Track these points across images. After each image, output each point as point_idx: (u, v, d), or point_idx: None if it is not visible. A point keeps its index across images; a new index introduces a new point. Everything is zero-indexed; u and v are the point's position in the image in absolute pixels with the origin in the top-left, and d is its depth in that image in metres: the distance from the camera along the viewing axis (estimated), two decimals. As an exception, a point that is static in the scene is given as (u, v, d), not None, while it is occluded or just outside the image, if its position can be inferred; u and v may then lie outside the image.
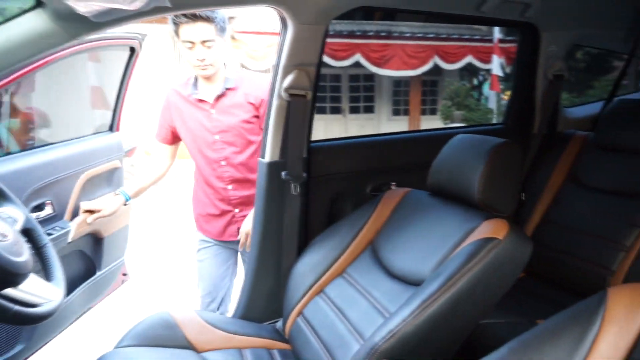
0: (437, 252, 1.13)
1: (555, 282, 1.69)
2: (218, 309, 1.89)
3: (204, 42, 1.54)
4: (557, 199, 1.80)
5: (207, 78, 1.66)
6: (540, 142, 2.00)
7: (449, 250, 1.11)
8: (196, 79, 1.71)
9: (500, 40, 8.35)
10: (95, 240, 2.00)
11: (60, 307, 0.99)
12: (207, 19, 1.51)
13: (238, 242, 1.74)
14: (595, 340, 0.69)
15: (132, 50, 2.04)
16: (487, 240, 1.03)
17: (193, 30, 1.52)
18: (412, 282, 1.15)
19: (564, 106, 2.23)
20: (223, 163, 1.71)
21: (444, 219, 1.21)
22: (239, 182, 1.73)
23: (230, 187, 1.73)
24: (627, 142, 1.65)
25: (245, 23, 7.62)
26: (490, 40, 8.57)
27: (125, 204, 1.76)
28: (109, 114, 2.17)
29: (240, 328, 1.44)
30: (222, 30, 1.59)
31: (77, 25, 0.94)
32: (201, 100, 1.69)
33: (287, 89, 1.40)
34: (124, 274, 2.32)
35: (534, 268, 1.74)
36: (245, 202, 1.75)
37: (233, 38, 7.62)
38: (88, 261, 2.00)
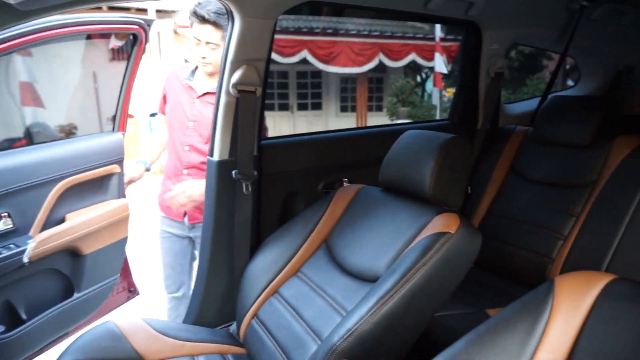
0: (392, 248, 1.14)
1: (501, 272, 1.77)
2: (178, 290, 1.95)
3: (208, 43, 1.65)
4: (500, 192, 1.88)
5: (210, 74, 1.77)
6: (483, 137, 2.08)
7: (403, 246, 1.12)
8: (196, 68, 1.81)
9: (442, 39, 8.65)
10: (74, 257, 1.77)
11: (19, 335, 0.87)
12: (215, 24, 1.61)
13: (192, 229, 1.84)
14: (545, 328, 0.72)
15: (135, 38, 1.85)
16: (440, 235, 1.05)
17: (202, 30, 1.63)
18: (368, 279, 1.15)
19: (504, 102, 2.34)
20: (187, 148, 1.78)
21: (397, 215, 1.22)
22: (194, 168, 1.79)
23: (185, 171, 1.80)
24: (561, 137, 1.75)
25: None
26: (433, 39, 8.86)
27: (147, 170, 1.98)
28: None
29: (192, 334, 1.38)
30: (224, 38, 1.62)
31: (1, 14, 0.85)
32: (191, 88, 1.79)
33: (235, 85, 1.36)
34: (131, 290, 2.14)
35: (481, 259, 1.81)
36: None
37: (176, 33, 7.33)
38: (64, 281, 1.77)
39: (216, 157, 1.44)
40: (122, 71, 1.89)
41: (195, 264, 1.85)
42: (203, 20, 1.60)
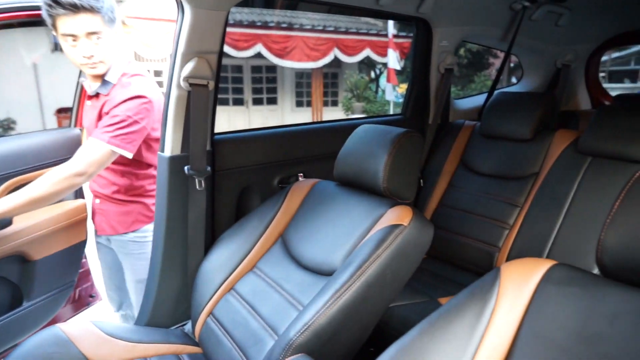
0: (347, 241, 1.16)
1: (452, 262, 1.84)
2: (119, 309, 1.83)
3: (89, 34, 1.35)
4: (451, 184, 1.95)
5: (96, 77, 1.48)
6: (434, 131, 2.15)
7: (357, 239, 1.14)
8: None
9: (396, 36, 8.82)
10: (23, 263, 1.62)
11: None
12: (92, 9, 1.32)
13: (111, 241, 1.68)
14: (492, 313, 0.75)
15: None
16: (394, 227, 1.07)
17: (76, 22, 1.32)
18: (324, 273, 1.16)
19: (454, 98, 2.42)
20: None
21: (351, 208, 1.23)
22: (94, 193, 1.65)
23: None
24: (505, 131, 1.84)
25: (137, 8, 7.07)
26: (386, 35, 9.01)
27: None
28: None
29: (145, 336, 1.34)
30: (110, 21, 1.41)
31: None
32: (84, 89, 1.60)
33: (187, 78, 1.32)
34: (91, 296, 2.00)
35: (433, 250, 1.88)
36: (101, 197, 1.62)
37: (124, 23, 7.02)
38: (12, 290, 1.62)
39: (167, 153, 1.39)
40: (67, 62, 1.78)
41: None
42: (75, 9, 1.29)
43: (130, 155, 1.42)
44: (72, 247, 1.77)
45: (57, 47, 1.77)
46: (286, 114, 10.33)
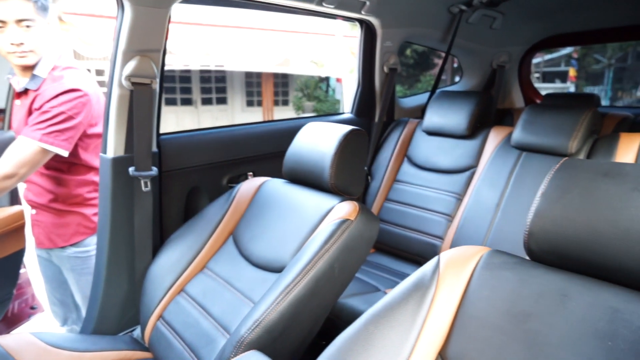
0: (296, 238, 1.18)
1: (399, 255, 1.91)
2: (64, 324, 1.73)
3: (19, 21, 1.28)
4: (397, 180, 2.02)
5: (24, 68, 1.38)
6: (381, 129, 2.22)
7: (306, 235, 1.16)
8: None
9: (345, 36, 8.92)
10: None
11: None
12: None
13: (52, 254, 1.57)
14: (432, 299, 0.79)
15: None
16: (341, 222, 1.10)
17: (3, 7, 1.25)
18: (274, 270, 1.17)
19: (399, 97, 2.51)
20: None
21: (300, 205, 1.25)
22: (28, 182, 1.53)
23: (25, 185, 1.55)
24: (445, 128, 1.93)
25: (75, 3, 6.71)
26: (334, 35, 9.09)
27: None
28: None
29: (91, 344, 1.29)
30: (43, 9, 1.34)
31: None
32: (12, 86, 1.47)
33: (129, 77, 1.28)
34: (32, 308, 1.85)
35: (381, 244, 1.94)
36: (37, 207, 1.52)
37: (61, 20, 6.64)
38: None
39: (110, 154, 1.35)
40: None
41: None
42: None
43: (65, 154, 1.35)
44: (8, 257, 1.66)
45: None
46: (236, 113, 10.19)
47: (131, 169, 1.34)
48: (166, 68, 1.43)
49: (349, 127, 1.25)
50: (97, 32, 6.92)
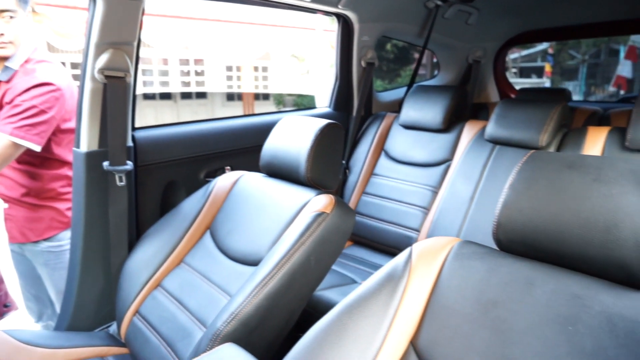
0: (273, 231, 1.18)
1: (376, 248, 1.94)
2: (39, 320, 1.71)
3: (1, 12, 1.28)
4: (374, 173, 2.04)
5: (2, 59, 1.37)
6: (359, 123, 2.23)
7: (283, 228, 1.17)
8: None
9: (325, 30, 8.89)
10: None
11: None
12: None
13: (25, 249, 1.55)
14: (404, 289, 0.81)
15: None
16: (317, 215, 1.11)
17: None
18: (251, 263, 1.18)
19: (379, 91, 2.53)
20: None
21: (277, 198, 1.26)
22: (0, 176, 1.49)
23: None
24: (421, 121, 1.96)
25: (46, -6, 6.51)
26: (314, 29, 9.06)
27: None
28: None
29: (66, 341, 1.27)
30: (24, 0, 1.33)
31: None
32: None
33: (101, 70, 1.26)
34: (6, 306, 1.79)
35: (359, 237, 1.96)
36: (10, 201, 1.49)
37: (34, 11, 6.44)
38: None
39: (84, 149, 1.33)
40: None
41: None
42: None
43: (38, 148, 1.33)
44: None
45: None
46: (217, 108, 10.08)
47: (105, 164, 1.33)
48: (144, 63, 1.41)
49: (325, 121, 1.25)
50: (72, 24, 6.74)
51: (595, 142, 1.48)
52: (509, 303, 0.71)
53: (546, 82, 11.71)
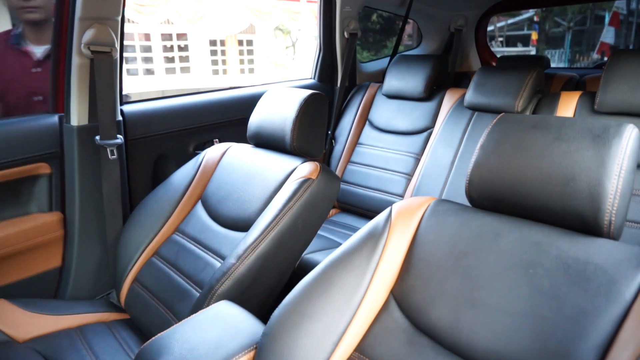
0: (261, 198, 1.24)
1: (362, 214, 2.01)
2: None
3: None
4: (359, 143, 2.10)
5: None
6: (343, 93, 2.27)
7: (271, 194, 1.22)
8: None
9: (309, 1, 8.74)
10: None
11: None
12: None
13: None
14: (385, 245, 0.88)
15: None
16: (303, 181, 1.17)
17: None
18: (242, 229, 1.23)
19: (364, 62, 2.55)
20: None
21: (265, 167, 1.30)
22: None
23: None
24: (403, 90, 2.00)
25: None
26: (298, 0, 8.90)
27: None
28: None
29: (67, 308, 1.33)
30: None
31: None
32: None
33: (87, 45, 1.28)
34: None
35: (345, 204, 2.03)
36: None
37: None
38: None
39: (74, 123, 1.36)
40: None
41: None
42: None
43: None
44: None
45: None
46: (201, 82, 9.95)
47: (97, 138, 1.36)
48: (127, 39, 1.43)
49: (309, 91, 1.29)
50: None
51: (568, 106, 1.55)
52: (478, 253, 0.78)
53: (532, 50, 11.71)
